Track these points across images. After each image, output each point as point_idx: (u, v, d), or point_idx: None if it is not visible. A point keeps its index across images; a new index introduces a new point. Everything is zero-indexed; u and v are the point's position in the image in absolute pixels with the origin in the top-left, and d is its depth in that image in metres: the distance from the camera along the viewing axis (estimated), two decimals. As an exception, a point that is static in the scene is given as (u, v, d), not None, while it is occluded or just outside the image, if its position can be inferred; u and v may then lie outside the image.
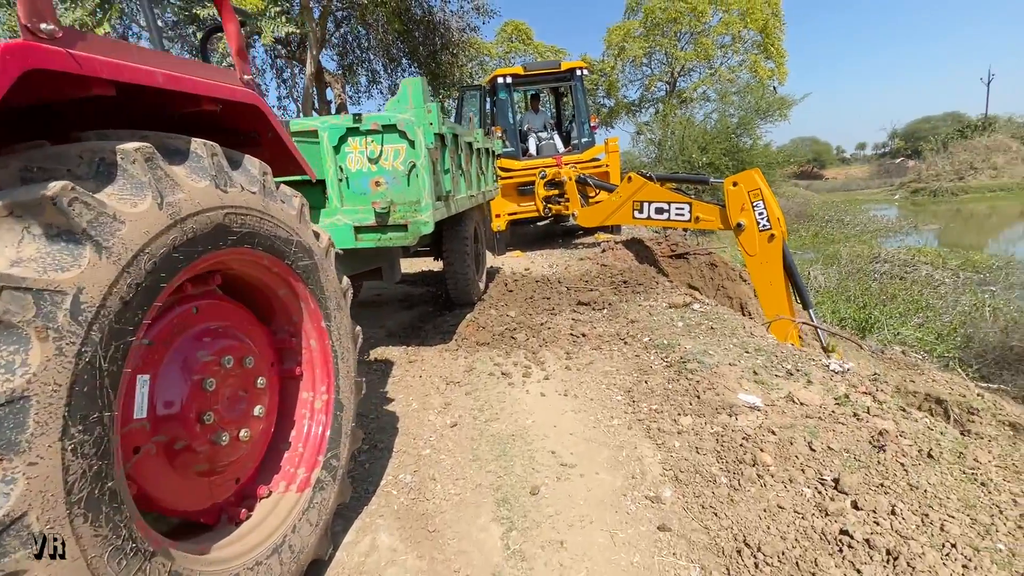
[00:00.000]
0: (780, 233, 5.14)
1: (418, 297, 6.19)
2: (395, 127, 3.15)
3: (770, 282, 5.20)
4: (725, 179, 5.50)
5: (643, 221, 6.80)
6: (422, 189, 3.21)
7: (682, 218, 6.16)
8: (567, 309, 5.24)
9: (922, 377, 7.76)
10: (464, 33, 10.79)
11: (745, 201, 5.22)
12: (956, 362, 8.94)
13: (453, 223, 4.96)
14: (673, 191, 6.49)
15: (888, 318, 10.87)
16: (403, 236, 3.30)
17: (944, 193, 34.41)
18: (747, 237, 5.26)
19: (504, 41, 19.15)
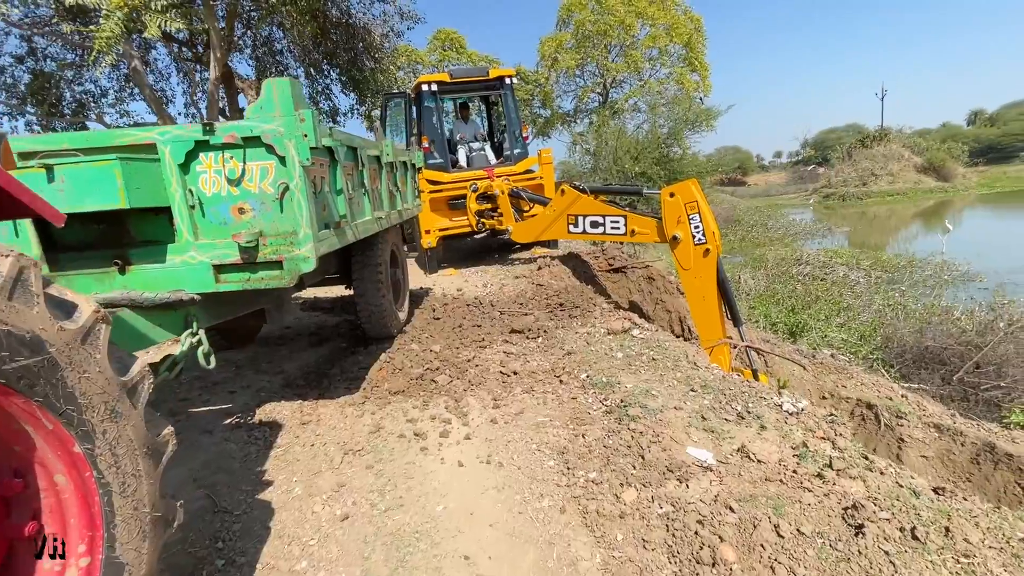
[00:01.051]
0: (715, 248, 4.84)
1: (332, 329, 5.40)
2: (259, 140, 2.44)
3: (703, 297, 4.90)
4: (662, 190, 5.17)
5: (578, 235, 6.38)
6: (299, 216, 2.51)
7: (617, 231, 5.78)
8: (499, 339, 4.65)
9: (852, 381, 7.76)
10: (388, 38, 10.05)
11: (682, 213, 4.91)
12: (879, 363, 9.14)
13: (363, 248, 4.25)
14: (608, 203, 6.12)
15: (815, 321, 11.11)
16: (277, 275, 2.58)
17: (851, 197, 36.95)
18: (682, 250, 4.95)
19: (437, 49, 18.50)
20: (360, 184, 3.51)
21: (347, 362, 4.26)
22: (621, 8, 20.25)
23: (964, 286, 14.73)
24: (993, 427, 6.39)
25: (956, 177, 37.75)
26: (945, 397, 8.06)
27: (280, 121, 2.43)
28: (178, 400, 3.62)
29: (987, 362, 8.13)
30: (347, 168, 3.24)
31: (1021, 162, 48.19)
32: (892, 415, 6.70)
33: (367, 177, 3.58)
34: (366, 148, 3.56)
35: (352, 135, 3.33)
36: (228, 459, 2.75)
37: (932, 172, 37.86)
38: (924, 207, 33.41)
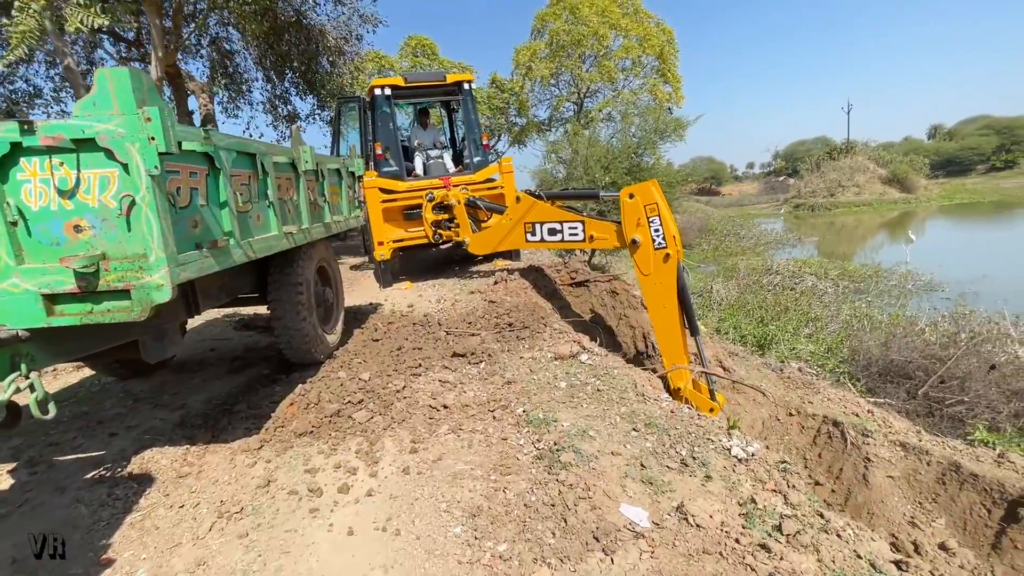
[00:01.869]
0: (675, 253, 4.50)
1: (260, 352, 4.89)
2: (94, 143, 1.97)
3: (663, 304, 4.54)
4: (621, 191, 4.82)
5: (536, 244, 6.00)
6: (149, 236, 2.04)
7: (576, 238, 5.43)
8: (438, 364, 4.20)
9: (818, 396, 7.49)
10: (348, 41, 9.57)
11: (641, 215, 4.59)
12: (846, 376, 8.95)
13: (281, 266, 3.78)
14: (567, 210, 5.77)
15: (783, 333, 10.94)
16: (126, 307, 2.10)
17: (820, 208, 37.56)
18: (642, 255, 4.61)
19: (408, 55, 18.08)
20: (262, 195, 3.05)
21: (259, 394, 3.77)
22: (595, 19, 20.11)
23: (928, 296, 14.84)
24: (958, 444, 6.17)
25: (918, 189, 38.70)
26: (911, 412, 7.88)
27: (119, 120, 1.96)
28: (47, 444, 3.09)
29: (951, 376, 7.98)
30: (239, 177, 2.78)
31: (978, 175, 49.80)
32: (858, 433, 6.44)
33: (272, 187, 3.12)
34: (270, 154, 3.10)
35: (246, 139, 2.87)
36: (70, 528, 2.25)
37: (896, 184, 38.75)
38: (889, 218, 34.13)
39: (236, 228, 2.65)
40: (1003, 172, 48.46)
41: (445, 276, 8.13)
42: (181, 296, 2.85)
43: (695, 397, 4.45)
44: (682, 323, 4.53)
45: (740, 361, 9.11)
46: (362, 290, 7.97)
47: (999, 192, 39.18)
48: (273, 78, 10.63)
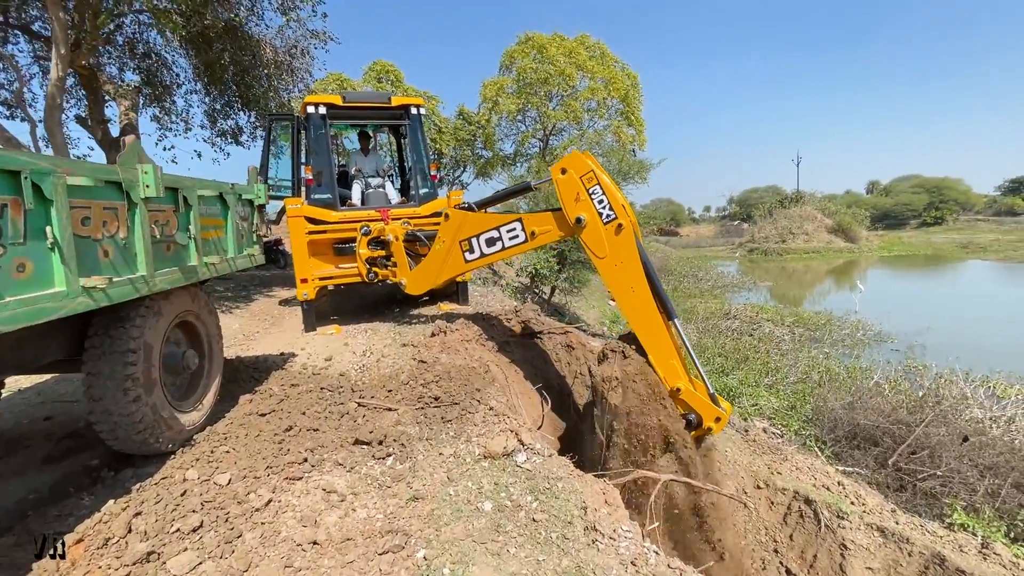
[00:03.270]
0: (629, 222, 3.84)
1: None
2: None
3: (631, 287, 3.84)
4: (551, 168, 4.16)
5: (478, 263, 5.13)
6: None
7: (517, 240, 4.72)
8: (331, 458, 3.12)
9: (786, 464, 6.69)
10: (293, 55, 8.62)
11: (579, 189, 3.96)
12: (812, 439, 8.30)
13: (105, 325, 2.67)
14: (503, 213, 5.00)
15: (745, 386, 10.32)
16: None
17: (772, 253, 38.56)
18: (591, 234, 3.95)
19: (372, 80, 17.29)
20: (35, 234, 1.98)
21: (53, 510, 2.58)
22: (562, 59, 19.98)
23: (879, 346, 14.75)
24: (936, 528, 5.44)
25: (861, 239, 40.41)
26: (882, 484, 7.20)
27: None
28: None
29: (920, 447, 7.40)
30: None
31: (912, 229, 52.80)
32: (833, 514, 5.63)
33: (60, 222, 2.05)
34: (58, 173, 2.04)
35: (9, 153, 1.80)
36: None
37: (841, 234, 40.34)
38: (835, 265, 35.24)
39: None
40: (933, 227, 51.57)
41: (382, 319, 7.05)
42: None
43: (698, 403, 3.69)
44: (658, 308, 3.82)
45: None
46: (283, 332, 6.78)
47: (931, 246, 41.38)
48: (209, 89, 9.49)
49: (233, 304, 8.32)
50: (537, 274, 12.07)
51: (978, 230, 47.61)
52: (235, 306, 8.30)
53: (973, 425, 7.61)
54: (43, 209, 2.00)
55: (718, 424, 3.70)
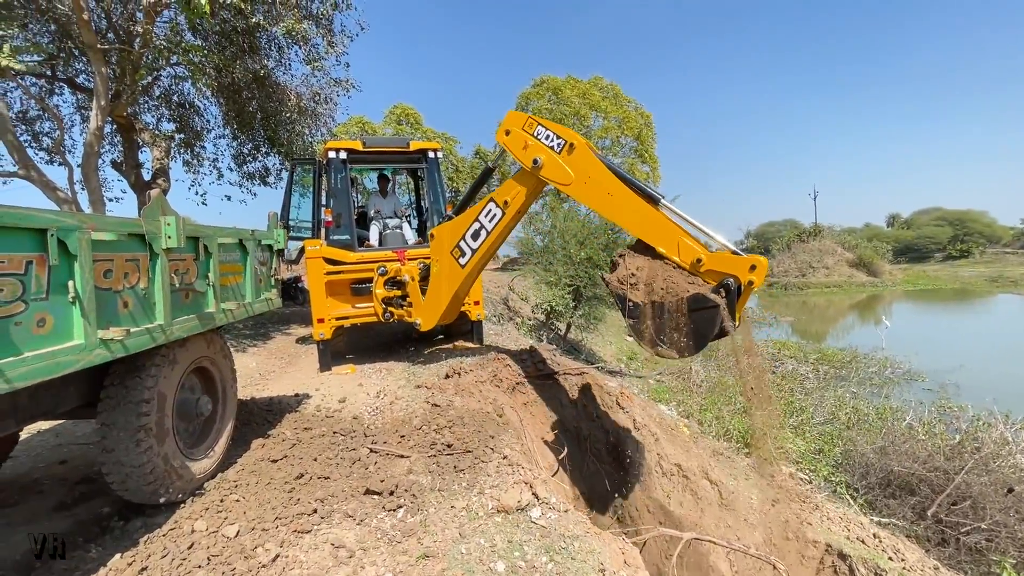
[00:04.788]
0: (580, 141, 3.97)
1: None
2: None
3: (608, 193, 3.83)
4: (496, 136, 4.45)
5: (473, 261, 5.13)
6: None
7: (496, 218, 4.80)
8: (342, 509, 3.04)
9: (817, 513, 6.33)
10: (317, 102, 8.99)
11: (525, 137, 4.19)
12: (843, 487, 7.88)
13: (121, 374, 2.68)
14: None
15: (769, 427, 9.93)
16: None
17: (792, 287, 37.87)
18: (551, 168, 4.07)
19: (392, 122, 17.91)
20: (56, 288, 2.02)
21: (60, 564, 2.53)
22: (576, 100, 20.50)
23: (909, 385, 14.16)
24: (985, 589, 5.05)
25: (884, 273, 39.53)
26: (921, 537, 6.75)
27: None
28: None
29: (962, 496, 6.95)
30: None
31: (936, 262, 51.56)
32: (870, 571, 5.28)
33: (82, 275, 2.09)
34: (83, 228, 2.10)
35: (20, 210, 1.86)
36: None
37: (863, 267, 39.56)
38: (858, 299, 34.40)
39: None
40: (959, 261, 50.28)
41: (397, 358, 7.02)
42: None
43: (724, 263, 3.36)
44: (642, 199, 3.78)
45: (725, 463, 7.96)
46: (298, 372, 6.79)
47: (959, 280, 40.22)
48: (237, 134, 9.92)
49: (251, 342, 8.40)
50: (552, 311, 12.00)
51: (1007, 263, 46.25)
52: (252, 344, 8.38)
53: (1017, 474, 7.15)
54: (67, 264, 2.04)
55: (757, 272, 3.24)
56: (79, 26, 6.23)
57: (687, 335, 3.33)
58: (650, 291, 3.51)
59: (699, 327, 3.28)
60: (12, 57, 4.87)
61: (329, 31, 7.88)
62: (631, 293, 3.58)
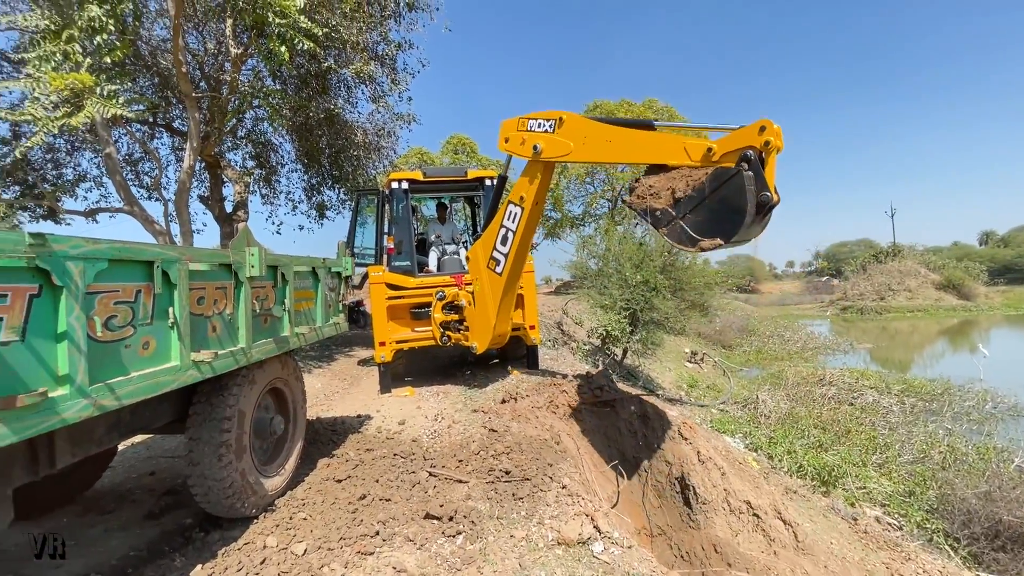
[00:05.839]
0: (567, 114, 4.20)
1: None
2: None
3: (608, 141, 3.87)
4: (498, 147, 4.82)
5: (508, 267, 5.16)
6: None
7: (518, 217, 4.94)
8: (402, 532, 3.08)
9: (910, 565, 5.73)
10: (381, 137, 9.54)
11: (521, 135, 4.46)
12: (940, 535, 7.07)
13: (208, 393, 2.90)
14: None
15: (849, 464, 9.13)
16: None
17: (869, 311, 35.13)
18: (550, 146, 4.25)
19: (449, 152, 18.62)
20: (159, 314, 2.23)
21: (149, 571, 2.72)
22: (629, 123, 20.43)
23: (1015, 422, 12.59)
24: None
25: (978, 296, 35.88)
26: (1042, 602, 5.93)
27: None
28: None
29: (1094, 555, 6.06)
30: (113, 294, 1.98)
31: (1042, 284, 46.20)
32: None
33: (180, 303, 2.31)
34: (182, 261, 2.32)
35: (134, 245, 2.09)
36: None
37: (952, 290, 36.13)
38: (948, 325, 31.31)
39: (80, 368, 1.80)
40: (1070, 282, 44.82)
41: (454, 381, 7.13)
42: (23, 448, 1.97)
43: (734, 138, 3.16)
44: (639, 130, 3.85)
45: (800, 503, 7.42)
46: (360, 393, 7.04)
47: (1071, 303, 35.80)
48: (307, 168, 10.67)
49: (316, 363, 8.82)
50: (608, 335, 11.78)
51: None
52: (318, 365, 8.79)
53: None
54: (168, 292, 2.26)
55: (768, 132, 3.03)
56: (178, 78, 7.01)
57: (723, 216, 3.13)
58: (672, 194, 3.41)
59: (731, 201, 3.08)
60: (124, 108, 5.51)
61: (393, 70, 8.41)
62: (653, 202, 3.49)
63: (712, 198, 3.18)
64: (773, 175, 3.07)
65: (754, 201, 3.00)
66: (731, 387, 15.64)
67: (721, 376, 18.36)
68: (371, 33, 7.76)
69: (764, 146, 3.03)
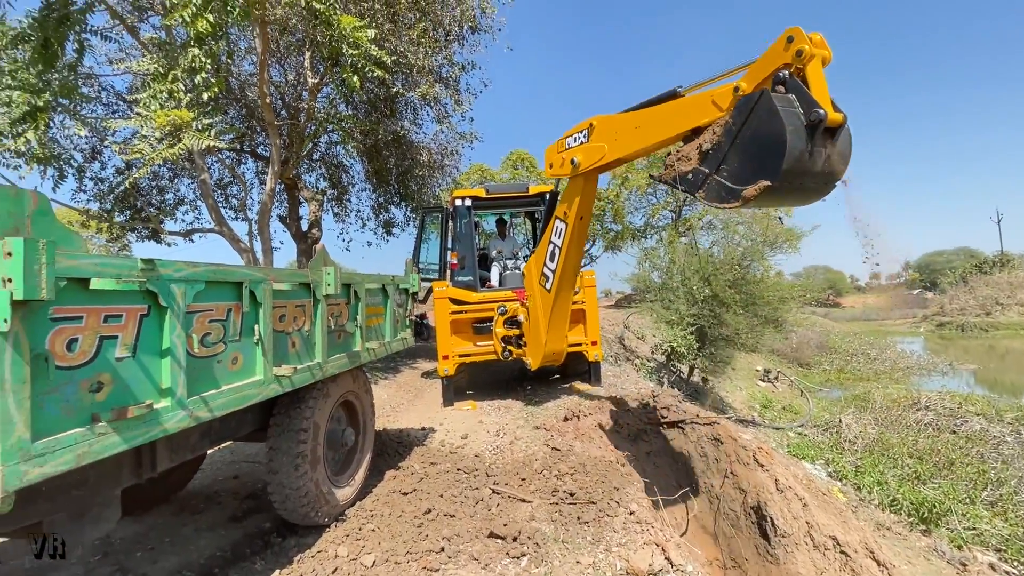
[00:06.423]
0: (596, 119, 4.12)
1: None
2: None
3: (636, 127, 3.63)
4: (545, 175, 5.20)
5: (556, 281, 5.01)
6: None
7: (562, 232, 4.79)
8: (466, 550, 3.08)
9: (1034, 624, 5.00)
10: (444, 157, 9.87)
11: (561, 156, 4.45)
12: (1075, 590, 6.15)
13: (286, 405, 3.07)
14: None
15: (954, 500, 8.16)
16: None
17: (972, 328, 31.56)
18: (586, 156, 4.16)
19: (509, 168, 18.90)
20: (246, 332, 2.39)
21: (232, 572, 2.89)
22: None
23: None
24: None
25: (1111, 311, 31.29)
26: None
27: (-24, 255, 1.37)
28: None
29: None
30: (207, 313, 2.15)
31: None
32: None
33: (265, 321, 2.47)
34: (267, 281, 2.48)
35: (227, 267, 2.26)
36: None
37: (1078, 304, 31.78)
38: (1074, 345, 27.49)
39: (180, 382, 1.95)
40: None
41: (514, 395, 7.12)
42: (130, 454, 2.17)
43: (761, 62, 2.69)
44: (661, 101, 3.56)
45: (895, 542, 6.73)
46: (424, 405, 7.20)
47: None
48: (375, 188, 11.21)
49: (382, 375, 9.13)
50: (673, 352, 11.34)
51: None
52: (384, 377, 9.10)
53: None
54: (255, 311, 2.42)
55: (797, 42, 2.55)
56: (262, 108, 7.62)
57: (761, 151, 2.55)
58: (699, 150, 2.91)
59: (765, 130, 2.52)
60: (216, 139, 6.05)
61: (456, 91, 8.69)
62: (682, 166, 3.03)
63: (742, 136, 2.65)
64: (824, 88, 2.52)
65: (797, 121, 2.45)
66: (810, 409, 14.55)
67: (798, 397, 17.13)
68: (436, 56, 8.07)
69: (797, 58, 2.53)
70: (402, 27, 7.31)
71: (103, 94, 9.20)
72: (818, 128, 2.43)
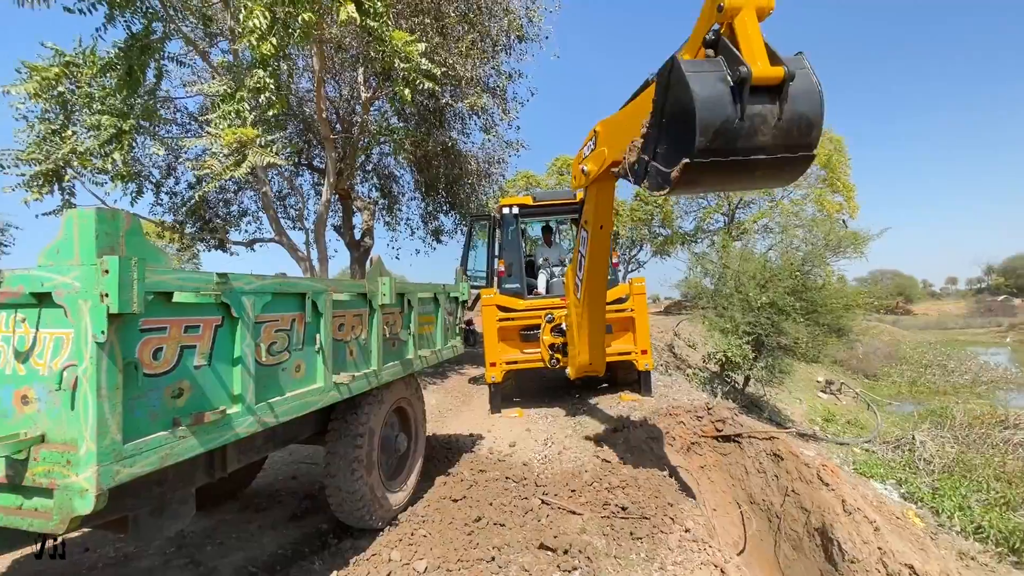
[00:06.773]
0: (600, 123, 3.89)
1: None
2: (51, 298, 1.54)
3: (619, 123, 3.42)
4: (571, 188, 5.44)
5: (585, 287, 4.88)
6: (84, 420, 1.49)
7: (584, 240, 4.78)
8: (517, 560, 3.07)
9: None
10: (491, 165, 9.99)
11: (578, 167, 4.25)
12: None
13: (343, 411, 3.18)
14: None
15: (1052, 529, 7.38)
16: (44, 513, 1.53)
17: (1069, 338, 28.54)
18: (593, 162, 3.95)
19: (555, 173, 18.88)
20: (309, 341, 2.50)
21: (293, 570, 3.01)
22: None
23: None
24: None
25: None
26: None
27: (78, 272, 1.51)
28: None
29: None
30: (273, 323, 2.26)
31: None
32: None
33: (326, 330, 2.57)
34: (327, 292, 2.59)
35: (291, 279, 2.37)
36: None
37: None
38: None
39: (250, 389, 2.06)
40: None
41: (561, 404, 7.06)
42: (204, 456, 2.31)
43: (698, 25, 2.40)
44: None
45: (983, 573, 6.20)
46: (471, 412, 7.26)
47: None
48: (425, 197, 11.48)
49: (431, 381, 9.30)
50: (728, 361, 10.90)
51: None
52: (432, 382, 9.26)
53: None
54: (316, 321, 2.53)
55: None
56: (319, 123, 7.99)
57: (678, 126, 2.31)
58: (642, 136, 2.68)
59: (679, 103, 2.26)
60: (278, 156, 6.38)
61: (503, 100, 8.79)
62: (631, 155, 2.80)
63: (666, 114, 2.41)
64: (758, 42, 2.24)
65: (717, 85, 2.17)
66: (879, 424, 13.60)
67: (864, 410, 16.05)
68: (484, 67, 8.20)
69: (720, 14, 2.27)
70: (451, 40, 7.48)
71: (178, 115, 9.95)
72: (744, 88, 2.14)
